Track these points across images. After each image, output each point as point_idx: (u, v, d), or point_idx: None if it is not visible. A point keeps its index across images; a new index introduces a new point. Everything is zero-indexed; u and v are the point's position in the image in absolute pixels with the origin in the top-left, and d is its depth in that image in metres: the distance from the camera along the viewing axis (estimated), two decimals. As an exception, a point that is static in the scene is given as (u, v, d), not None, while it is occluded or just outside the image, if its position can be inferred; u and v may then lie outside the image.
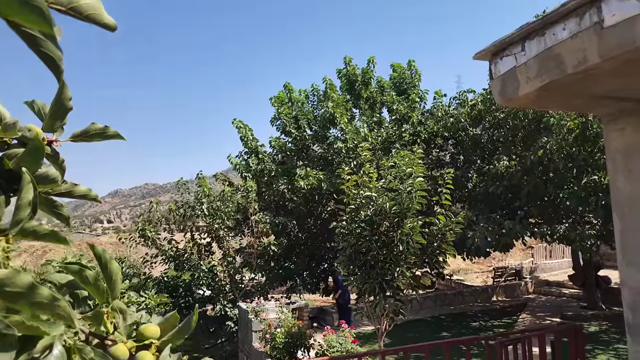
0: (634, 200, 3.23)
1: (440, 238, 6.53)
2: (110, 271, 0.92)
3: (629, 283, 3.23)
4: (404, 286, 6.51)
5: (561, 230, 9.36)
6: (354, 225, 6.44)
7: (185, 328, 0.84)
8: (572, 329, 2.67)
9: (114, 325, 0.90)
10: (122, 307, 0.94)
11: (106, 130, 1.02)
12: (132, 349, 0.83)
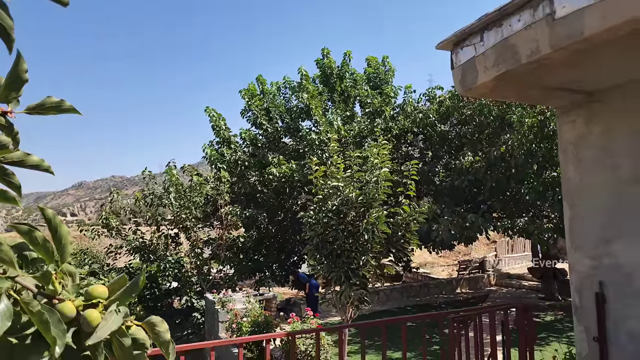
0: (582, 190, 3.42)
1: (404, 228, 6.68)
2: (60, 235, 0.92)
3: (577, 267, 3.42)
4: (370, 275, 6.63)
5: (521, 224, 9.75)
6: (321, 214, 6.50)
7: (132, 288, 0.85)
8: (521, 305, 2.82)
9: (63, 287, 0.90)
10: (72, 270, 0.94)
11: (62, 104, 1.01)
12: (79, 307, 0.83)
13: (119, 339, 0.74)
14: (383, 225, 6.45)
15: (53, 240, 0.85)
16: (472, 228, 10.29)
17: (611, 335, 3.12)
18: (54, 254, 0.83)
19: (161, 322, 0.80)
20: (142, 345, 0.77)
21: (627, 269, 3.05)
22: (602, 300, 3.17)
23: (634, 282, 3.00)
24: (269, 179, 11.85)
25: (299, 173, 11.28)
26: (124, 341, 0.73)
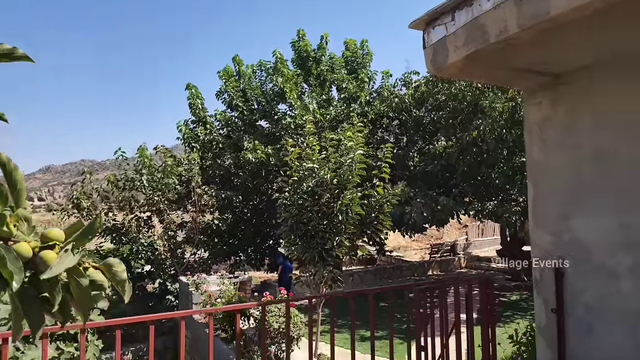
0: (546, 169, 3.55)
1: (378, 209, 6.79)
2: (15, 180, 0.91)
3: (538, 243, 3.57)
4: (343, 255, 6.73)
5: (490, 207, 10.06)
6: (296, 196, 6.53)
7: (88, 230, 0.85)
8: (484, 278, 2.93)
9: (18, 229, 0.89)
10: (27, 215, 0.93)
11: (14, 51, 0.98)
12: (35, 249, 0.83)
13: (77, 279, 0.74)
14: (357, 207, 6.54)
15: (8, 185, 0.84)
16: (444, 211, 10.54)
17: (568, 307, 3.29)
18: (9, 199, 0.82)
19: (118, 263, 0.81)
20: (101, 286, 0.78)
21: (584, 244, 3.20)
22: (560, 274, 3.33)
23: (591, 257, 3.16)
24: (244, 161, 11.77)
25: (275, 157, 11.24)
26: (81, 281, 0.74)
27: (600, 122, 3.17)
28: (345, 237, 6.52)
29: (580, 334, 3.23)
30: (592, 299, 3.16)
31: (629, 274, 2.95)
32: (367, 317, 3.27)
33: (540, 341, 3.55)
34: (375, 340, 2.90)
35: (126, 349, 10.09)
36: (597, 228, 3.15)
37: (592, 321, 3.16)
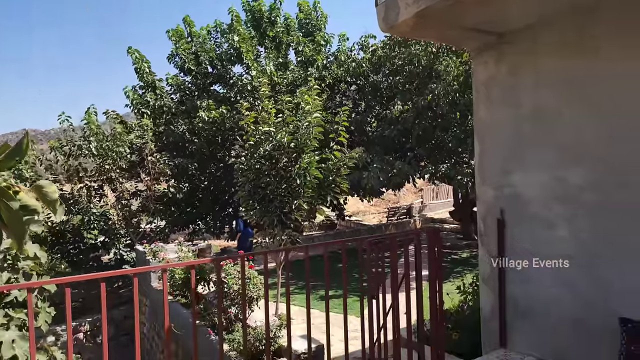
0: (490, 127, 3.71)
1: (335, 173, 6.88)
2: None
3: (483, 198, 3.77)
4: (302, 219, 6.83)
5: (443, 170, 10.45)
6: (253, 160, 6.48)
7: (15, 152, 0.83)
8: (431, 230, 3.10)
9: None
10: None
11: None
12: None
13: (6, 202, 0.73)
14: (315, 170, 6.60)
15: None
16: (400, 175, 10.84)
17: (508, 255, 3.55)
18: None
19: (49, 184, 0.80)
20: (34, 210, 0.77)
21: (523, 197, 3.43)
22: (502, 226, 3.56)
23: (528, 209, 3.40)
24: (198, 126, 11.44)
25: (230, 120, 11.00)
26: (11, 204, 0.73)
27: (540, 81, 3.33)
28: (304, 201, 6.60)
29: (519, 278, 3.50)
30: (529, 247, 3.41)
31: (563, 223, 3.21)
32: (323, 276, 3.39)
33: (484, 288, 3.83)
34: (333, 299, 3.02)
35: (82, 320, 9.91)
36: (535, 182, 3.37)
37: (528, 267, 3.43)
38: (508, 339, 3.60)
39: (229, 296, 5.81)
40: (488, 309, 3.76)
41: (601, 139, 2.95)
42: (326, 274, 2.86)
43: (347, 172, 7.00)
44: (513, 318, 3.55)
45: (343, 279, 2.83)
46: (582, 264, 3.08)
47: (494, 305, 3.68)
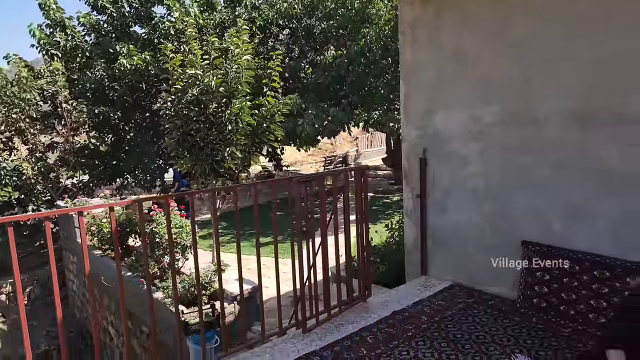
0: (415, 68, 3.81)
1: (269, 119, 6.76)
2: None
3: (407, 138, 3.93)
4: (237, 167, 6.71)
5: (376, 116, 10.67)
6: (180, 106, 6.17)
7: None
8: (358, 167, 3.20)
9: None
10: None
11: None
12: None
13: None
14: (247, 117, 6.43)
15: None
16: (334, 122, 10.92)
17: (429, 191, 3.78)
18: None
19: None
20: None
21: (443, 136, 3.62)
22: (424, 164, 3.77)
23: (447, 147, 3.60)
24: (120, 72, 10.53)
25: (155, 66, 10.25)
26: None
27: (463, 23, 3.42)
28: (237, 149, 6.46)
29: (437, 211, 3.77)
30: (446, 182, 3.66)
31: (477, 159, 3.45)
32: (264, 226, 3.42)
33: (407, 222, 4.09)
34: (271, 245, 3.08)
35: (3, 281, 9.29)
36: (454, 121, 3.55)
37: (444, 200, 3.70)
38: (428, 268, 3.93)
39: (161, 246, 5.71)
40: (411, 241, 4.05)
41: (514, 79, 3.15)
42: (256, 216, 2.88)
43: (281, 119, 6.91)
44: (432, 248, 3.86)
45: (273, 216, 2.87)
46: (492, 196, 3.37)
47: (416, 238, 3.96)
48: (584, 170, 2.84)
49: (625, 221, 2.71)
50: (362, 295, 3.43)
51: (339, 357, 2.57)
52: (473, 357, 2.50)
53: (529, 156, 3.11)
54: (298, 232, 2.86)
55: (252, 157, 6.95)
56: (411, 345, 2.67)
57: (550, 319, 2.87)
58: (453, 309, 3.17)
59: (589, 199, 2.84)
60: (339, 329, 2.98)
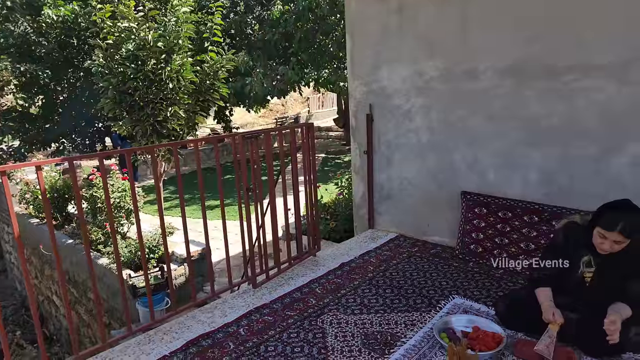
0: (361, 22, 3.74)
1: (213, 76, 6.47)
2: None
3: (354, 94, 3.92)
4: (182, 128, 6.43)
5: (325, 75, 10.52)
6: (114, 63, 5.74)
7: None
8: (304, 124, 3.17)
9: None
10: None
11: None
12: None
13: None
14: (189, 74, 6.11)
15: None
16: (284, 81, 10.67)
17: (375, 147, 3.84)
18: None
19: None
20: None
21: (388, 91, 3.64)
22: (370, 120, 3.80)
23: (392, 102, 3.64)
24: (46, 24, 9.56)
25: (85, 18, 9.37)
26: None
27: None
28: (180, 108, 6.17)
29: (383, 166, 3.85)
30: (390, 137, 3.73)
31: (420, 114, 3.52)
32: (214, 188, 3.31)
33: (355, 178, 4.16)
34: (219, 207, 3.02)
35: None
36: (398, 76, 3.57)
37: (389, 154, 3.77)
38: (375, 221, 4.06)
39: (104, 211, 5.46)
40: (359, 196, 4.14)
41: (456, 32, 3.18)
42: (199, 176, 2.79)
43: (225, 76, 6.64)
44: (379, 202, 3.97)
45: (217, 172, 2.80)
46: (434, 149, 3.48)
47: (363, 193, 4.05)
48: (516, 121, 2.99)
49: (551, 169, 2.90)
50: (312, 250, 3.50)
51: (288, 307, 2.63)
52: (415, 300, 2.65)
53: (467, 109, 3.21)
54: (244, 189, 2.82)
55: (198, 117, 6.67)
56: (357, 293, 2.78)
57: (486, 262, 3.08)
58: (398, 258, 3.32)
59: (520, 149, 3.01)
60: (289, 282, 3.04)
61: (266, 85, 10.43)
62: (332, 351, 2.15)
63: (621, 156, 2.59)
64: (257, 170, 2.89)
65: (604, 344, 1.84)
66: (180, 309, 2.63)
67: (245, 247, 2.97)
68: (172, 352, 2.22)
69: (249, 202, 2.90)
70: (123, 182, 5.64)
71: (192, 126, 6.67)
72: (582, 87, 2.66)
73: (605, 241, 1.85)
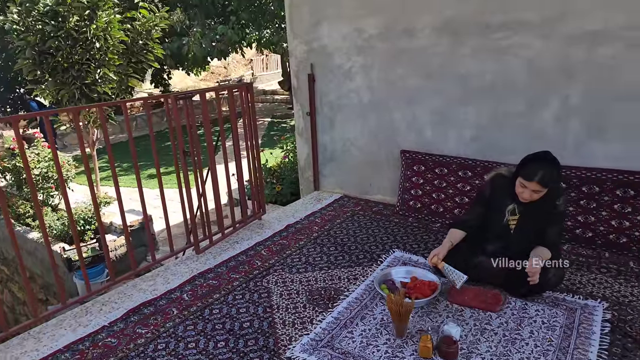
0: (300, -24, 3.60)
1: (145, 35, 6.05)
2: None
3: (294, 53, 3.82)
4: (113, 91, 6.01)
5: (267, 35, 10.17)
6: (31, 19, 5.18)
7: None
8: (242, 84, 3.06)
9: None
10: None
11: None
12: None
13: None
14: (117, 32, 5.67)
15: None
16: (224, 41, 10.19)
17: (318, 108, 3.81)
18: None
19: None
20: None
21: (329, 50, 3.58)
22: (312, 80, 3.74)
23: (332, 61, 3.59)
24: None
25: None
26: None
27: None
28: (111, 70, 5.74)
29: (327, 127, 3.84)
30: (332, 98, 3.70)
31: (360, 73, 3.50)
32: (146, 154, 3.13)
33: (299, 140, 4.13)
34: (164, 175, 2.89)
35: None
36: (338, 34, 3.51)
37: (332, 115, 3.77)
38: (320, 183, 4.09)
39: (29, 183, 5.06)
40: (303, 159, 4.13)
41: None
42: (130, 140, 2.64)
43: (159, 36, 6.22)
44: (323, 164, 3.99)
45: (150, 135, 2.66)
46: (375, 109, 3.51)
47: (308, 155, 4.04)
48: (452, 79, 3.06)
49: (483, 125, 3.04)
50: (257, 213, 3.48)
51: (233, 270, 2.63)
52: (357, 256, 2.74)
53: (406, 68, 3.24)
54: (180, 153, 2.71)
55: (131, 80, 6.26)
56: (303, 253, 2.82)
57: (424, 217, 3.23)
58: (342, 217, 3.39)
59: (455, 107, 3.11)
60: (234, 246, 3.02)
61: (205, 45, 9.93)
62: (277, 309, 2.18)
63: (545, 111, 2.76)
64: (194, 133, 2.77)
65: (527, 285, 2.01)
66: (118, 279, 2.54)
67: (186, 213, 2.89)
68: (111, 322, 2.15)
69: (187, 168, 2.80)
70: (49, 150, 5.23)
71: (126, 90, 6.27)
72: (512, 44, 2.76)
73: (525, 190, 1.98)
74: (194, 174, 2.91)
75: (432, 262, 2.12)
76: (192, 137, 2.78)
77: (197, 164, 2.83)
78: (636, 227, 2.47)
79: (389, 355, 1.77)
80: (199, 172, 2.87)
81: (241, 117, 3.27)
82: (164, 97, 2.60)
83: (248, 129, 3.19)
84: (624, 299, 2.09)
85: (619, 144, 2.56)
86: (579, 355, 1.71)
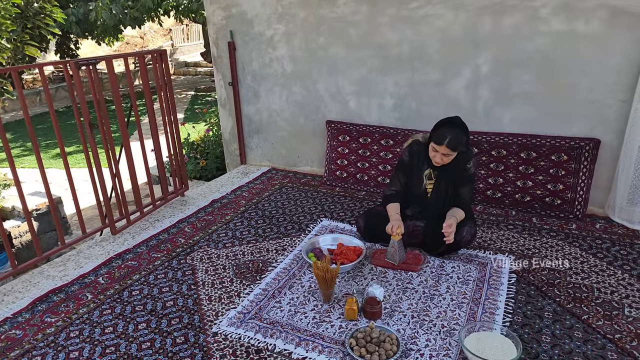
0: None
1: (41, -3, 5.37)
2: None
3: (212, 20, 3.61)
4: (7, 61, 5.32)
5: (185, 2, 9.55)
6: None
7: None
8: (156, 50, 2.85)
9: None
10: None
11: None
12: None
13: None
14: (6, -8, 4.96)
15: None
16: (137, 7, 9.40)
17: (240, 78, 3.67)
18: None
19: None
20: None
21: (248, 16, 3.43)
22: (233, 48, 3.57)
23: (253, 28, 3.45)
24: None
25: None
26: None
27: None
28: (3, 37, 5.05)
29: (250, 98, 3.72)
30: (257, 67, 3.58)
31: (282, 42, 3.41)
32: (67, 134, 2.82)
33: (223, 113, 3.97)
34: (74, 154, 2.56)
35: None
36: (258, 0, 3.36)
37: (257, 86, 3.65)
38: (247, 157, 3.99)
39: None
40: (228, 132, 3.99)
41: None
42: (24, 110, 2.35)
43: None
44: (249, 136, 3.88)
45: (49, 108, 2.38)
46: (299, 78, 3.46)
47: (232, 128, 3.91)
48: (372, 49, 3.09)
49: (402, 94, 3.12)
50: (179, 190, 3.32)
51: (154, 249, 2.49)
52: (285, 227, 2.73)
53: (327, 37, 3.21)
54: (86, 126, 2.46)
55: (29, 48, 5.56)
56: (229, 227, 2.75)
57: (350, 186, 3.29)
58: (269, 190, 3.35)
59: (375, 76, 3.15)
60: (154, 225, 2.86)
61: (115, 12, 9.09)
62: (202, 285, 2.11)
63: (459, 79, 2.89)
64: (101, 104, 2.53)
65: (443, 244, 2.13)
66: (21, 267, 2.30)
67: (97, 192, 2.67)
68: (15, 312, 1.95)
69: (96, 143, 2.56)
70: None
71: (23, 59, 5.58)
72: (426, 14, 2.83)
73: (436, 154, 2.08)
74: (105, 150, 2.67)
75: (397, 231, 2.11)
76: (100, 108, 2.54)
77: (108, 139, 2.60)
78: (538, 186, 2.72)
79: (317, 320, 1.80)
80: (110, 150, 2.64)
81: (155, 88, 3.05)
82: (63, 63, 2.32)
83: (165, 100, 2.98)
84: (528, 251, 2.31)
85: (522, 109, 2.76)
86: (489, 304, 1.86)
